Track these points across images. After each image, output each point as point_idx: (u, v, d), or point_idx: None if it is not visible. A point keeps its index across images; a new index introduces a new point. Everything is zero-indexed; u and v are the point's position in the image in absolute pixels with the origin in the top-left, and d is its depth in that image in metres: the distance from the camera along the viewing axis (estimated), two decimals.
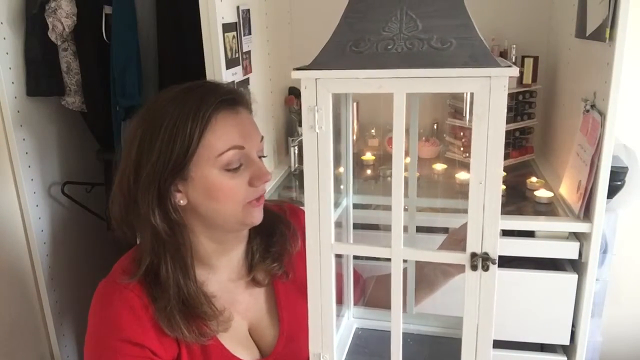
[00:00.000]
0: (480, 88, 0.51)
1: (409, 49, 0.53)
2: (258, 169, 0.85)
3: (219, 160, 0.82)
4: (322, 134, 0.55)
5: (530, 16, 1.69)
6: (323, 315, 0.61)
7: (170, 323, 0.83)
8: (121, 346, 0.81)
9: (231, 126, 0.83)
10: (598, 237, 1.16)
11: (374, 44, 0.54)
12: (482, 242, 0.55)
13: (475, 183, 0.54)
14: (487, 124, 0.53)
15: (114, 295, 0.85)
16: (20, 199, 1.54)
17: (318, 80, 0.55)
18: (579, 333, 1.23)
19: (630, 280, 1.76)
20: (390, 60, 0.52)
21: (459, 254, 0.56)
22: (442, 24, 0.53)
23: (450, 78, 0.51)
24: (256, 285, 0.96)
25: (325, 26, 0.59)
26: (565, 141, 1.45)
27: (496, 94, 0.51)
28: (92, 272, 1.63)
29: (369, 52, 0.53)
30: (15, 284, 1.54)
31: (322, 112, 0.55)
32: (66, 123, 1.73)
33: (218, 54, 1.23)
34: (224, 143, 0.82)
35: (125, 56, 1.45)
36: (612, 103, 1.07)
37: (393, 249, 0.57)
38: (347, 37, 0.55)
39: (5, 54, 1.47)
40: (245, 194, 0.85)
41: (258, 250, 0.95)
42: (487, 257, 0.56)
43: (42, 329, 1.64)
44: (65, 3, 1.48)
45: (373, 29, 0.54)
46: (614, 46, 1.04)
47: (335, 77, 0.54)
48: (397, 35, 0.53)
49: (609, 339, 1.67)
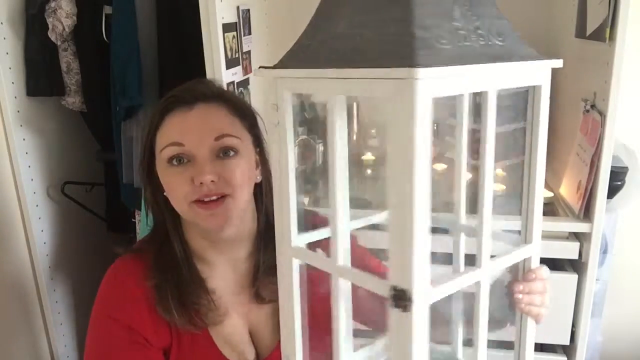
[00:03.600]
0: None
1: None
2: (196, 168, 0.83)
3: (162, 156, 0.85)
4: (281, 128, 0.55)
5: (530, 16, 1.69)
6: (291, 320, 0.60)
7: (164, 305, 0.84)
8: (107, 323, 0.84)
9: (175, 124, 0.85)
10: (598, 237, 1.16)
11: (322, 44, 0.54)
12: (402, 274, 0.44)
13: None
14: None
15: (117, 276, 0.88)
16: (20, 199, 1.54)
17: (278, 80, 0.56)
18: (579, 333, 1.23)
19: (630, 280, 1.76)
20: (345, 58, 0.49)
21: (383, 283, 0.46)
22: (379, 19, 0.47)
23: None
24: (259, 300, 0.94)
25: None
26: (565, 141, 1.45)
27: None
28: (92, 272, 1.64)
29: (327, 52, 0.52)
30: (15, 284, 1.54)
31: (282, 108, 0.55)
32: (66, 123, 1.73)
33: (218, 54, 1.23)
34: (164, 140, 0.85)
35: (125, 56, 1.45)
36: (612, 103, 1.07)
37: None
38: (310, 38, 0.56)
39: (5, 54, 1.47)
40: (187, 190, 0.83)
41: (264, 265, 0.93)
42: (401, 295, 0.44)
43: (42, 329, 1.64)
44: (65, 3, 1.48)
45: (329, 29, 0.54)
46: (614, 46, 1.04)
47: (293, 75, 0.55)
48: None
49: (609, 339, 1.67)
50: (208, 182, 0.81)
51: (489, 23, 0.50)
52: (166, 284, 0.85)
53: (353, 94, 0.48)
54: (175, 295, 0.85)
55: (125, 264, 0.89)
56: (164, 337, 0.86)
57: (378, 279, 0.47)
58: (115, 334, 0.84)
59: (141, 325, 0.84)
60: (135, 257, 0.89)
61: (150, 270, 0.86)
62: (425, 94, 0.42)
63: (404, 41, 0.44)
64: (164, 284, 0.85)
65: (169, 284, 0.85)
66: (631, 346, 1.83)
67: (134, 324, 0.84)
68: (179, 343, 0.87)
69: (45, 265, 1.61)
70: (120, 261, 0.90)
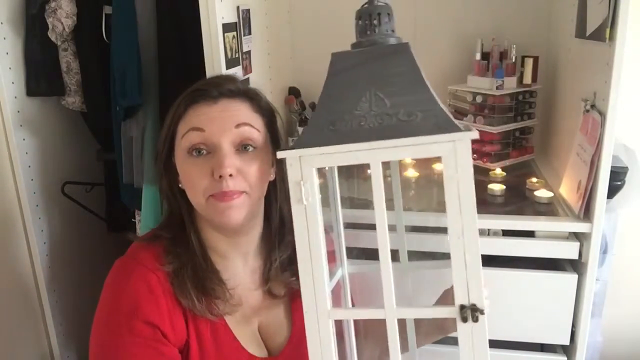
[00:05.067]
0: (447, 152, 0.58)
1: (380, 124, 0.60)
2: (218, 159, 0.82)
3: (182, 143, 0.85)
4: (309, 205, 0.61)
5: (530, 16, 1.69)
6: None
7: (181, 286, 0.85)
8: (134, 325, 0.81)
9: (198, 114, 0.85)
10: (598, 237, 1.16)
11: (348, 122, 0.61)
12: (468, 294, 0.59)
13: (454, 238, 0.59)
14: (457, 183, 0.58)
15: (130, 272, 0.85)
16: (20, 199, 1.54)
17: (301, 158, 0.62)
18: (579, 333, 1.23)
19: (630, 280, 1.76)
20: (364, 134, 0.60)
21: (449, 308, 0.60)
22: (408, 100, 0.60)
23: (418, 145, 0.58)
24: (272, 297, 0.95)
25: (324, 26, 0.60)
26: (565, 141, 1.45)
27: (462, 155, 0.57)
28: (92, 272, 1.64)
29: (345, 129, 0.61)
30: (15, 284, 1.54)
31: (308, 185, 0.61)
32: (66, 123, 1.73)
33: (218, 54, 1.23)
34: (185, 127, 0.86)
35: (125, 56, 1.45)
36: (612, 103, 1.07)
37: (387, 309, 0.61)
38: (325, 118, 0.62)
39: (5, 54, 1.47)
40: (207, 184, 0.82)
41: (277, 261, 0.94)
42: (475, 308, 0.59)
43: (42, 329, 1.64)
44: (65, 3, 1.48)
45: (347, 109, 0.62)
46: (614, 46, 1.04)
47: (316, 153, 0.61)
48: (368, 113, 0.61)
49: (609, 339, 1.67)
50: (227, 176, 0.81)
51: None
52: (183, 270, 0.85)
53: (397, 158, 0.60)
54: (193, 280, 0.85)
55: (133, 262, 0.87)
56: (180, 330, 0.85)
57: (442, 306, 0.63)
58: (131, 332, 0.81)
59: (159, 319, 0.82)
60: (146, 246, 0.89)
61: (167, 256, 0.86)
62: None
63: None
64: (181, 270, 0.85)
65: (185, 269, 0.85)
66: (631, 346, 1.83)
67: (152, 317, 0.82)
68: (198, 334, 0.86)
69: (45, 265, 1.61)
70: (126, 260, 0.88)
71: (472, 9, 1.72)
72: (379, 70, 0.63)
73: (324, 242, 0.63)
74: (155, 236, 0.91)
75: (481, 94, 1.56)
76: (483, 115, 1.57)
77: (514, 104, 1.57)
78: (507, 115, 1.58)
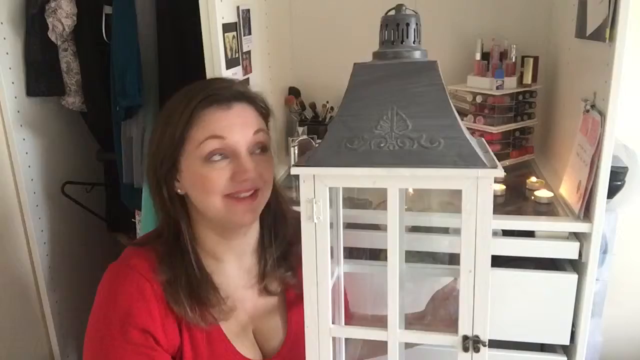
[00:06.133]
0: (468, 186, 0.56)
1: (400, 147, 0.57)
2: (240, 164, 0.85)
3: (200, 150, 0.85)
4: (320, 224, 0.61)
5: (530, 16, 1.69)
6: None
7: (174, 296, 0.85)
8: (127, 331, 0.82)
9: (214, 120, 0.85)
10: (598, 237, 1.16)
11: (367, 141, 0.59)
12: (472, 325, 0.59)
13: (465, 272, 0.58)
14: (475, 219, 0.56)
15: (124, 278, 0.85)
16: (20, 199, 1.54)
17: (316, 176, 0.60)
18: (579, 333, 1.23)
19: (630, 280, 1.76)
20: (383, 157, 0.58)
21: (452, 337, 0.60)
22: (431, 124, 0.58)
23: (440, 176, 0.56)
24: (268, 294, 0.96)
25: (324, 26, 0.59)
26: (565, 141, 1.45)
27: (483, 192, 0.56)
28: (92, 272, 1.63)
29: (363, 149, 0.58)
30: (15, 284, 1.54)
31: (320, 204, 0.60)
32: (66, 123, 1.73)
33: (218, 54, 1.23)
34: (203, 133, 0.85)
35: (125, 56, 1.45)
36: (612, 103, 1.07)
37: (389, 332, 0.61)
38: (342, 135, 0.60)
39: (5, 54, 1.47)
40: (224, 186, 0.84)
41: (272, 258, 0.95)
42: (477, 340, 0.59)
43: (42, 329, 1.64)
44: (65, 3, 1.48)
45: (366, 127, 0.59)
46: (614, 46, 1.04)
47: (332, 174, 0.59)
48: (388, 133, 0.58)
49: (609, 339, 1.67)
50: (251, 179, 0.85)
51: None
52: (177, 281, 0.85)
53: (416, 187, 0.60)
54: (187, 291, 0.85)
55: (126, 268, 0.87)
56: (173, 336, 0.85)
57: (445, 334, 0.60)
58: (123, 339, 0.81)
59: (151, 325, 0.83)
60: (140, 253, 0.89)
61: (160, 265, 0.86)
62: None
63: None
64: (175, 280, 0.85)
65: (179, 280, 0.85)
66: (631, 346, 1.83)
67: (145, 323, 0.82)
68: (192, 340, 0.87)
69: (45, 265, 1.61)
70: (120, 265, 0.88)
71: (472, 9, 1.72)
72: (403, 88, 0.59)
73: (329, 260, 0.62)
74: (149, 242, 0.91)
75: (481, 94, 1.56)
76: (483, 115, 1.57)
77: (514, 104, 1.57)
78: (507, 115, 1.58)
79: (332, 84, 1.82)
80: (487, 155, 0.61)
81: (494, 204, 0.58)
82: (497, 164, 0.56)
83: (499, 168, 0.55)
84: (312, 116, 1.82)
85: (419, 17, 0.64)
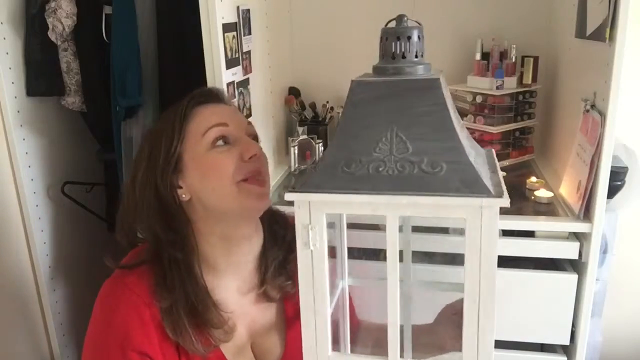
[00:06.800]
0: (472, 215, 0.52)
1: (400, 172, 0.54)
2: (246, 143, 0.87)
3: (205, 139, 0.85)
4: (316, 251, 0.57)
5: (530, 16, 1.69)
6: None
7: (175, 327, 0.82)
8: (125, 353, 0.81)
9: (210, 113, 0.88)
10: (598, 237, 1.16)
11: (365, 165, 0.55)
12: (477, 357, 0.56)
13: (469, 302, 0.55)
14: (479, 248, 0.53)
15: (120, 298, 0.84)
16: (20, 199, 1.54)
17: (311, 203, 0.56)
18: (579, 333, 1.23)
19: (630, 280, 1.76)
20: (382, 182, 0.54)
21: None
22: (433, 147, 0.54)
23: (442, 205, 0.53)
24: (267, 299, 0.94)
25: (325, 26, 0.58)
26: (565, 141, 1.45)
27: (487, 221, 0.52)
28: (92, 272, 1.63)
29: (361, 174, 0.54)
30: (15, 283, 1.54)
31: (316, 230, 0.56)
32: (66, 123, 1.73)
33: (218, 54, 1.23)
34: (205, 124, 0.86)
35: (125, 56, 1.45)
36: (612, 103, 1.07)
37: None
38: (340, 157, 0.56)
39: (5, 54, 1.47)
40: (237, 167, 0.84)
41: (273, 264, 0.93)
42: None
43: (42, 329, 1.64)
44: (65, 3, 1.48)
45: (364, 149, 0.55)
46: (614, 46, 1.04)
47: (328, 200, 0.55)
48: (387, 157, 0.54)
49: (609, 339, 1.67)
50: (259, 154, 0.87)
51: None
52: (177, 305, 0.83)
53: (417, 215, 0.54)
54: (188, 316, 0.83)
55: (123, 285, 0.85)
56: (172, 357, 0.84)
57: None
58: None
59: (150, 348, 0.82)
60: (131, 277, 0.86)
61: (157, 288, 0.84)
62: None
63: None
64: (175, 305, 0.83)
65: (179, 304, 0.83)
66: (631, 346, 1.83)
67: (143, 347, 0.81)
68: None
69: (45, 265, 1.61)
70: (117, 282, 0.86)
71: (472, 9, 1.72)
72: (403, 107, 0.56)
73: (327, 289, 0.59)
74: (140, 264, 0.87)
75: (481, 94, 1.56)
76: (483, 115, 1.57)
77: (514, 104, 1.57)
78: (507, 115, 1.58)
79: (332, 84, 1.83)
80: (494, 177, 0.57)
81: None
82: (502, 189, 0.53)
83: (504, 196, 0.51)
84: (312, 116, 1.82)
85: (422, 29, 0.60)
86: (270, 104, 1.70)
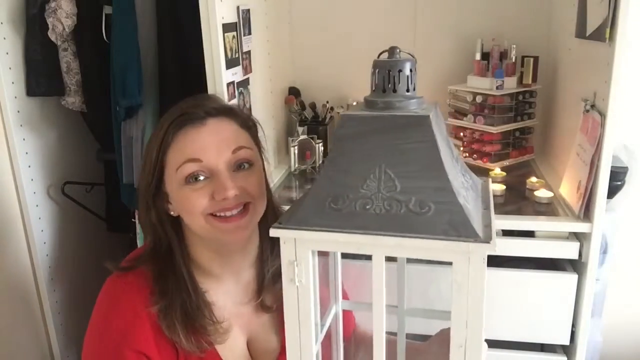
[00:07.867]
0: (459, 260, 0.51)
1: (387, 211, 0.53)
2: (219, 183, 0.83)
3: (178, 174, 0.84)
4: (302, 287, 0.56)
5: (530, 16, 1.69)
6: None
7: (170, 328, 0.83)
8: (123, 352, 0.81)
9: (189, 141, 0.84)
10: (598, 237, 1.16)
11: (352, 202, 0.54)
12: None
13: (455, 347, 0.54)
14: (467, 292, 0.52)
15: (119, 297, 0.85)
16: (20, 199, 1.54)
17: (297, 239, 0.55)
18: (579, 333, 1.23)
19: (630, 280, 1.76)
20: (368, 221, 0.53)
21: None
22: (421, 186, 0.53)
23: (428, 248, 0.52)
24: (265, 310, 0.94)
25: (325, 26, 0.57)
26: (565, 141, 1.45)
27: (475, 265, 0.51)
28: (92, 272, 1.63)
29: (348, 211, 0.53)
30: (15, 283, 1.54)
31: (302, 267, 0.56)
32: (66, 123, 1.73)
33: (218, 54, 1.23)
34: (180, 157, 0.84)
35: (125, 56, 1.45)
36: (612, 103, 1.07)
37: None
38: (327, 192, 0.55)
39: (5, 54, 1.47)
40: (206, 204, 0.83)
41: (271, 273, 0.93)
42: None
43: (42, 329, 1.64)
44: (65, 3, 1.48)
45: (352, 185, 0.54)
46: (614, 46, 1.04)
47: (314, 238, 0.54)
48: (375, 194, 0.53)
49: (609, 339, 1.67)
50: (232, 197, 0.82)
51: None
52: (171, 307, 0.84)
53: (403, 256, 0.55)
54: (182, 318, 0.84)
55: (124, 284, 0.86)
56: (169, 356, 0.85)
57: None
58: (119, 358, 0.81)
59: (147, 348, 0.82)
60: (132, 276, 0.87)
61: (154, 292, 0.85)
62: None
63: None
64: (170, 308, 0.84)
65: (174, 306, 0.84)
66: (631, 346, 1.83)
67: (141, 346, 0.82)
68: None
69: (45, 265, 1.61)
70: (118, 280, 0.87)
71: (472, 9, 1.72)
72: (392, 144, 0.54)
73: (313, 325, 0.58)
74: (134, 267, 0.89)
75: (481, 94, 1.56)
76: (483, 115, 1.57)
77: (514, 104, 1.57)
78: (507, 115, 1.58)
79: (332, 84, 1.83)
80: (486, 216, 0.56)
81: (494, 204, 0.56)
82: (491, 232, 0.51)
83: (492, 241, 0.50)
84: (312, 116, 1.82)
85: (414, 62, 0.58)
86: (270, 104, 1.70)
